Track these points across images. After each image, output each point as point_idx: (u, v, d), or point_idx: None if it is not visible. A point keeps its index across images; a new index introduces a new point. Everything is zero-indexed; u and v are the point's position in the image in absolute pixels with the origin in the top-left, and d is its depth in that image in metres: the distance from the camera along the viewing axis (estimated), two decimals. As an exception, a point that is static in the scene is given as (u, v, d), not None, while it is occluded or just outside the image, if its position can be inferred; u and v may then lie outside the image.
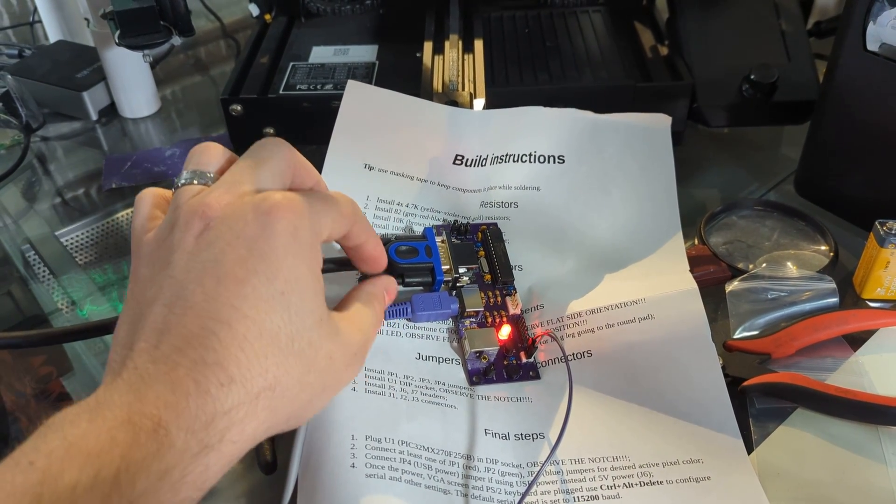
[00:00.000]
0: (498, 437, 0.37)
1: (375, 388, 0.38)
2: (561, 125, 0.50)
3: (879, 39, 0.45)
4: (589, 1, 0.67)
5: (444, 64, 0.57)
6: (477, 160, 0.48)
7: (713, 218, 0.52)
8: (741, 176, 0.59)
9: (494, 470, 0.36)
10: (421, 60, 0.58)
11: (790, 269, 0.46)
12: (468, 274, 0.42)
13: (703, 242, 0.49)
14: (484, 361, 0.41)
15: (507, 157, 0.49)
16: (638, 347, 0.40)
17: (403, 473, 0.34)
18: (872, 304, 0.46)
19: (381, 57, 0.62)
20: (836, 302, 0.44)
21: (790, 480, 0.36)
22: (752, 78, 0.55)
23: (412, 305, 0.41)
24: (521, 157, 0.49)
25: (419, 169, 0.47)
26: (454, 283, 0.42)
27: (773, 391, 0.39)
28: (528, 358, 0.41)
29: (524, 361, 0.41)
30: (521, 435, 0.38)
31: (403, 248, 0.42)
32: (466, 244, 0.44)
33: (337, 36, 0.65)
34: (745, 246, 0.50)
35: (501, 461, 0.36)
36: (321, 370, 0.30)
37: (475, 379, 0.40)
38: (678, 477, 0.36)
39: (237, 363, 0.26)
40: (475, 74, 0.55)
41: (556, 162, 0.49)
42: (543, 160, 0.49)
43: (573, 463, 0.36)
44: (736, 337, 0.43)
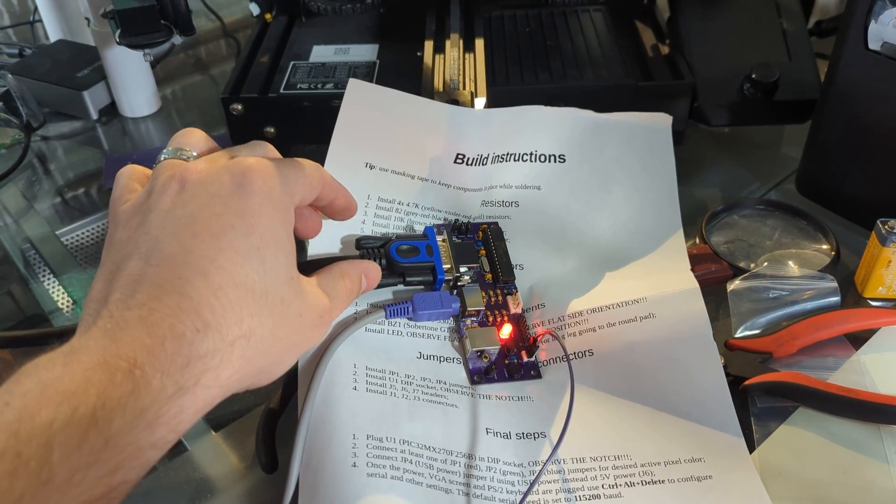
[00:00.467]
0: (499, 436, 0.37)
1: (376, 387, 0.37)
2: (562, 124, 0.50)
3: (881, 38, 0.45)
4: (590, 0, 0.67)
5: (444, 63, 0.57)
6: (478, 159, 0.48)
7: (714, 217, 0.51)
8: (742, 175, 0.59)
9: (496, 469, 0.36)
10: (422, 59, 0.58)
11: (791, 268, 0.46)
12: (469, 273, 0.42)
13: (704, 241, 0.49)
14: (485, 360, 0.41)
15: (507, 156, 0.49)
16: (639, 346, 0.40)
17: (405, 473, 0.34)
18: (874, 303, 0.46)
19: (381, 56, 0.62)
20: (837, 301, 0.44)
21: (792, 479, 0.36)
22: (753, 77, 0.55)
23: (413, 304, 0.41)
24: (521, 156, 0.49)
25: (420, 168, 0.47)
26: (455, 282, 0.42)
27: (774, 390, 0.39)
28: (529, 357, 0.41)
29: (525, 360, 0.41)
30: (522, 434, 0.38)
31: (404, 247, 0.42)
32: (467, 243, 0.44)
33: (337, 35, 0.65)
34: (746, 245, 0.50)
35: (503, 460, 0.36)
36: (291, 326, 0.31)
37: (476, 378, 0.40)
38: (680, 476, 0.35)
39: (212, 310, 0.27)
40: (476, 73, 0.55)
41: (557, 161, 0.49)
42: (544, 159, 0.49)
43: (575, 462, 0.36)
44: (737, 336, 0.43)
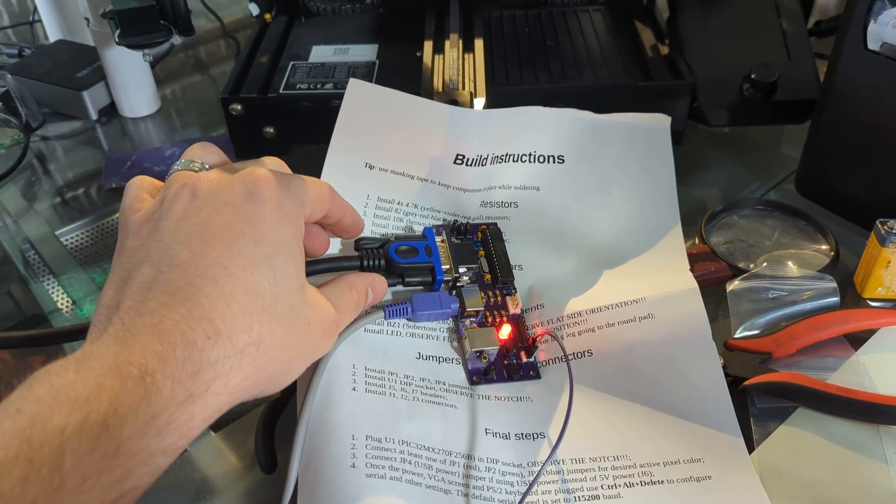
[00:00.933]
0: (498, 436, 0.37)
1: (376, 387, 0.37)
2: (561, 125, 0.50)
3: (880, 39, 0.45)
4: (589, 0, 0.67)
5: (444, 63, 0.57)
6: (477, 160, 0.48)
7: (714, 217, 0.51)
8: (742, 175, 0.59)
9: (495, 469, 0.36)
10: (421, 60, 0.58)
11: (791, 268, 0.46)
12: (468, 273, 0.42)
13: (703, 242, 0.49)
14: (484, 361, 0.41)
15: (507, 156, 0.49)
16: (638, 347, 0.40)
17: (404, 473, 0.34)
18: (873, 303, 0.46)
19: (381, 56, 0.62)
20: (836, 301, 0.44)
21: (791, 480, 0.36)
22: (752, 77, 0.55)
23: (412, 305, 0.41)
24: (521, 156, 0.49)
25: (420, 168, 0.47)
26: (454, 282, 0.42)
27: (773, 390, 0.39)
28: (528, 357, 0.41)
29: (524, 361, 0.41)
30: (521, 434, 0.38)
31: (403, 247, 0.42)
32: (466, 244, 0.44)
33: (337, 35, 0.65)
34: (745, 245, 0.50)
35: (502, 461, 0.36)
36: (300, 334, 0.31)
37: (475, 378, 0.40)
38: (679, 476, 0.35)
39: (223, 318, 0.27)
40: (475, 73, 0.55)
41: (556, 162, 0.49)
42: (543, 160, 0.49)
43: (574, 462, 0.36)
44: (737, 336, 0.43)
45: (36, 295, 0.52)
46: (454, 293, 0.42)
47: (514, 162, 0.49)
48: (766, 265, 0.46)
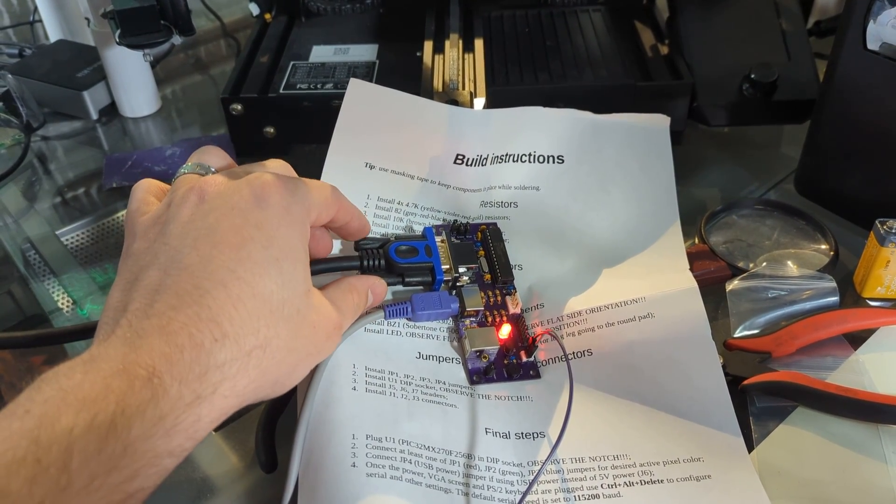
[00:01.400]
0: (498, 435, 0.37)
1: (376, 387, 0.38)
2: (560, 125, 0.50)
3: (880, 38, 0.45)
4: (589, 0, 0.67)
5: (444, 63, 0.57)
6: (477, 160, 0.48)
7: (713, 217, 0.52)
8: (741, 175, 0.59)
9: (495, 469, 0.36)
10: (421, 60, 0.58)
11: (790, 267, 0.46)
12: (468, 273, 0.42)
13: (703, 241, 0.49)
14: (484, 360, 0.41)
15: (506, 156, 0.49)
16: (638, 346, 0.40)
17: (404, 472, 0.34)
18: (872, 302, 0.46)
19: (381, 56, 0.62)
20: (836, 301, 0.44)
21: (790, 479, 0.36)
22: (752, 77, 0.55)
23: (412, 305, 0.41)
24: (520, 156, 0.49)
25: (420, 168, 0.47)
26: (454, 282, 0.42)
27: (773, 390, 0.39)
28: (528, 357, 0.41)
29: (524, 360, 0.41)
30: (521, 434, 0.38)
31: (403, 247, 0.42)
32: (466, 244, 0.44)
33: (337, 35, 0.65)
34: (745, 245, 0.50)
35: (502, 460, 0.36)
36: (306, 337, 0.31)
37: (475, 378, 0.40)
38: (679, 475, 0.36)
39: (230, 320, 0.27)
40: (475, 73, 0.55)
41: (555, 162, 0.49)
42: (543, 160, 0.49)
43: (574, 462, 0.36)
44: (736, 336, 0.43)
45: (36, 295, 0.52)
46: (454, 293, 0.43)
47: (513, 162, 0.49)
48: (765, 265, 0.46)
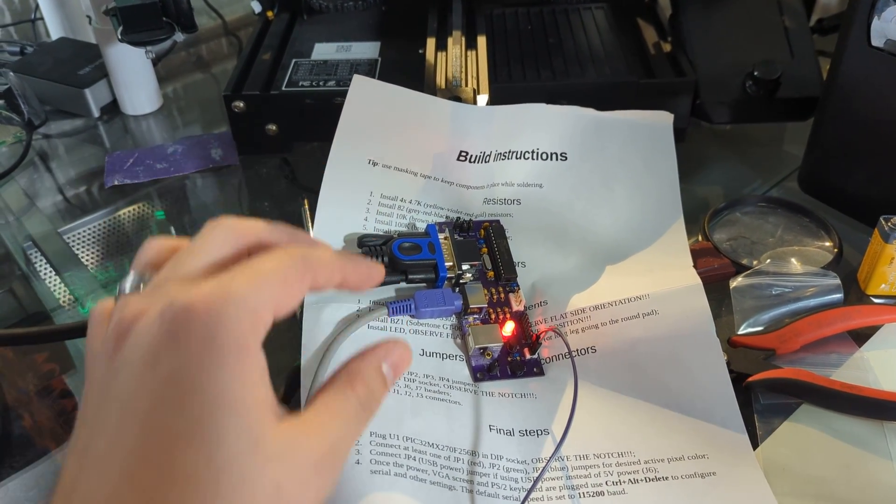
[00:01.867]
0: (502, 433, 0.37)
1: (379, 384, 0.37)
2: (563, 122, 0.50)
3: (884, 35, 0.44)
4: (591, -3, 0.67)
5: (447, 60, 0.57)
6: (480, 156, 0.48)
7: (717, 214, 0.51)
8: (744, 173, 0.59)
9: (499, 466, 0.36)
10: (424, 57, 0.58)
11: (794, 265, 0.46)
12: (471, 271, 0.42)
13: (706, 239, 0.49)
14: (488, 358, 0.41)
15: (510, 153, 0.49)
16: (642, 343, 0.40)
17: (408, 469, 0.34)
18: (877, 300, 0.46)
19: (383, 54, 0.62)
20: (840, 298, 0.44)
21: (795, 476, 0.36)
22: (755, 74, 0.55)
23: (415, 302, 0.41)
24: (523, 153, 0.49)
25: (423, 165, 0.47)
26: (457, 279, 0.42)
27: (777, 387, 0.39)
28: (531, 354, 0.41)
29: (528, 358, 0.41)
30: (525, 431, 0.38)
31: (406, 244, 0.42)
32: (469, 241, 0.44)
33: (339, 32, 0.65)
34: (748, 242, 0.50)
35: (506, 457, 0.36)
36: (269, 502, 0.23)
37: (479, 375, 0.40)
38: (683, 472, 0.35)
39: None
40: (478, 70, 0.55)
41: (558, 159, 0.49)
42: (546, 157, 0.49)
43: (578, 459, 0.36)
44: (740, 333, 0.43)
45: (38, 292, 0.52)
46: (457, 290, 0.42)
47: (517, 159, 0.49)
48: (769, 262, 0.46)
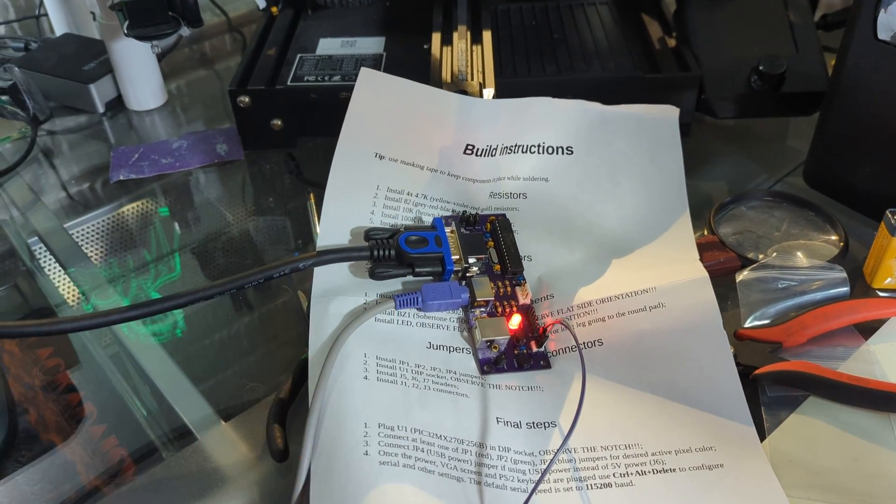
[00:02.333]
0: (510, 425, 0.37)
1: (387, 376, 0.38)
2: (569, 116, 0.50)
3: (891, 29, 0.44)
4: (596, -7, 0.67)
5: (452, 55, 0.57)
6: (487, 150, 0.48)
7: (722, 208, 0.51)
8: (749, 167, 0.59)
9: (507, 458, 0.36)
10: (429, 52, 0.58)
11: (800, 258, 0.46)
12: (478, 264, 0.42)
13: (712, 232, 0.49)
14: (495, 351, 0.41)
15: (516, 147, 0.49)
16: (649, 336, 0.40)
17: (417, 461, 0.34)
18: (883, 293, 0.46)
19: (388, 49, 0.62)
20: (846, 291, 0.44)
21: (802, 468, 0.36)
22: (760, 69, 0.55)
23: (422, 295, 0.41)
24: (529, 147, 0.49)
25: (429, 159, 0.47)
26: (464, 272, 0.42)
27: (784, 379, 0.39)
28: (538, 347, 0.41)
29: (535, 351, 0.41)
30: (532, 423, 0.38)
31: (413, 237, 0.42)
32: (476, 234, 0.44)
33: (344, 28, 0.65)
34: (754, 236, 0.50)
35: (514, 449, 0.36)
36: None
37: (486, 368, 0.40)
38: (691, 464, 0.36)
39: None
40: (484, 65, 0.55)
41: (564, 153, 0.49)
42: (552, 151, 0.49)
43: (586, 451, 0.36)
44: (747, 326, 0.43)
45: (42, 287, 0.52)
46: (464, 283, 0.42)
47: (522, 153, 0.49)
48: (775, 255, 0.46)
